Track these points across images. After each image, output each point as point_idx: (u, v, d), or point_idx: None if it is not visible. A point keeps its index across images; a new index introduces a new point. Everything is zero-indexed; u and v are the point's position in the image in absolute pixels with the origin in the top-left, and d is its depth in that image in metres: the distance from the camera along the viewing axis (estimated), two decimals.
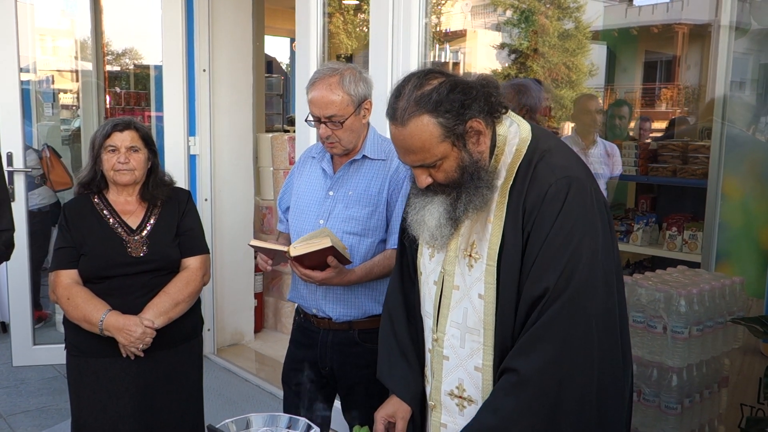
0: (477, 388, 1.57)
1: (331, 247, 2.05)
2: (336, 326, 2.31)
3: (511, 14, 10.02)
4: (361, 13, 10.16)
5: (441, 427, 1.67)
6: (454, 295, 1.61)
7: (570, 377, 1.43)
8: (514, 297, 1.50)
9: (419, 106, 1.48)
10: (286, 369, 2.48)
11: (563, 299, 1.42)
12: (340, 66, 2.23)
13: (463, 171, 1.52)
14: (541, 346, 1.43)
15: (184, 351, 2.51)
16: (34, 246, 4.37)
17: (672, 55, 7.93)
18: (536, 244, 1.47)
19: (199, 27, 4.33)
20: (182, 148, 4.31)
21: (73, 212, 2.45)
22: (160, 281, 2.41)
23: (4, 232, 2.41)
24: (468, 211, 1.54)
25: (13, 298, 4.22)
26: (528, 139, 1.56)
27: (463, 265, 1.58)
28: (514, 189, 1.52)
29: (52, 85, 6.46)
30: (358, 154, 2.30)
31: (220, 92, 4.53)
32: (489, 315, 1.53)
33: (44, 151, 4.94)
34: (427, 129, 1.48)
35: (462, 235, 1.59)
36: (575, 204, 1.46)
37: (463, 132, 1.49)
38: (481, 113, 1.51)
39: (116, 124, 2.42)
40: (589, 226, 1.47)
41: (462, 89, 1.49)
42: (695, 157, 3.88)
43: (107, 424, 2.39)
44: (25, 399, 4.09)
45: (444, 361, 1.64)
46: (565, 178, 1.48)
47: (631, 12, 8.32)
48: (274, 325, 5.24)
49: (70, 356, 2.46)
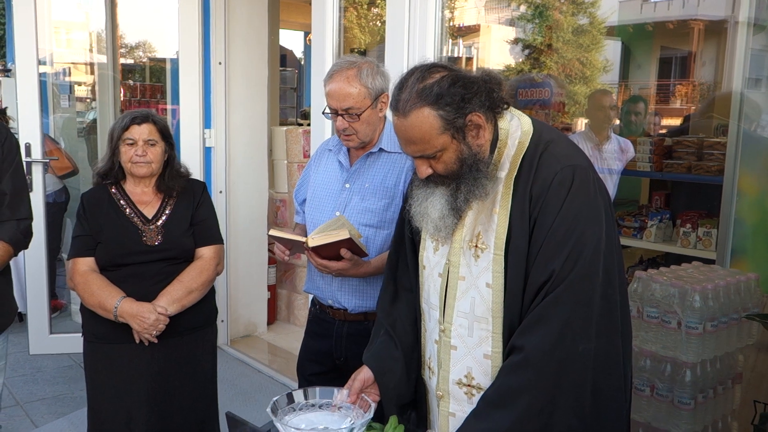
0: (486, 376, 1.60)
1: (348, 238, 2.06)
2: (351, 317, 2.33)
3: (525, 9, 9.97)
4: (374, 8, 10.14)
5: (450, 417, 1.69)
6: (460, 286, 1.63)
7: (570, 358, 1.47)
8: (521, 283, 1.53)
9: (420, 98, 1.52)
10: (301, 359, 2.51)
11: (566, 283, 1.46)
12: (358, 59, 2.25)
13: (462, 163, 1.56)
14: (544, 326, 1.47)
15: (198, 339, 2.55)
16: (49, 236, 4.42)
17: (687, 51, 7.87)
18: (542, 231, 1.50)
19: (215, 20, 4.36)
20: (198, 141, 4.35)
21: (90, 202, 2.50)
22: (174, 270, 2.45)
23: (23, 220, 2.44)
24: (469, 200, 1.58)
25: (30, 288, 4.28)
26: (530, 132, 1.60)
27: (468, 256, 1.61)
28: (519, 179, 1.55)
29: (69, 77, 6.50)
30: (374, 147, 2.31)
31: (236, 85, 4.56)
32: (497, 303, 1.56)
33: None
34: (427, 121, 1.52)
35: (467, 227, 1.62)
36: (580, 192, 1.51)
37: (463, 125, 1.54)
38: (482, 108, 1.55)
39: (135, 117, 2.45)
40: (592, 214, 1.51)
41: (463, 83, 1.53)
42: (710, 154, 3.86)
43: (122, 409, 2.44)
44: (41, 387, 4.14)
45: (452, 351, 1.66)
46: (569, 167, 1.53)
47: (647, 8, 8.26)
48: (286, 318, 5.28)
49: (87, 342, 2.52)
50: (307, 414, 1.69)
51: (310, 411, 1.71)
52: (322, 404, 1.73)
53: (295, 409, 1.70)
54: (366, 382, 1.78)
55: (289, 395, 1.71)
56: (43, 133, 4.30)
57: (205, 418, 2.58)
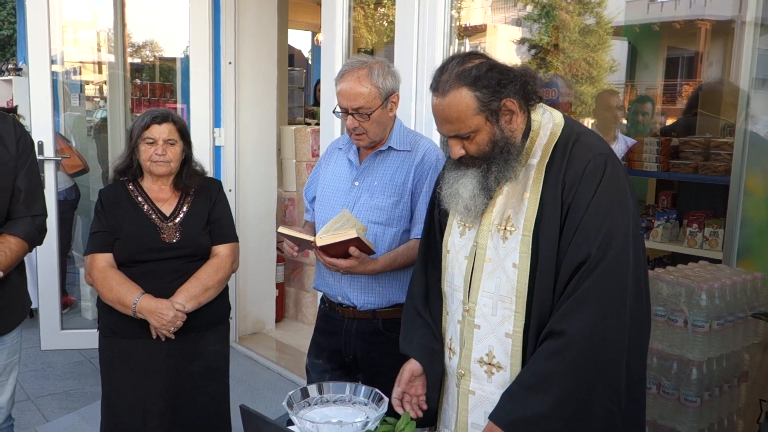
0: (506, 354, 1.67)
1: (356, 237, 2.09)
2: (360, 315, 2.35)
3: (532, 9, 9.95)
4: (381, 8, 10.14)
5: (469, 395, 1.74)
6: (486, 267, 1.70)
7: (608, 339, 1.53)
8: (552, 264, 1.60)
9: (459, 79, 1.62)
10: (309, 357, 2.53)
11: (602, 267, 1.53)
12: (369, 59, 2.27)
13: (494, 145, 1.65)
14: (584, 309, 1.53)
15: (213, 335, 2.58)
16: (60, 233, 4.46)
17: (694, 51, 7.86)
18: (577, 214, 1.58)
19: (225, 20, 4.39)
20: (207, 140, 4.38)
21: (109, 198, 2.53)
22: (190, 267, 2.48)
23: (38, 217, 2.48)
24: (499, 181, 1.66)
25: (41, 284, 4.32)
26: (562, 124, 1.70)
27: (496, 239, 1.68)
28: (551, 166, 1.64)
29: (79, 76, 6.55)
30: (383, 146, 2.34)
31: (245, 85, 4.59)
32: (522, 283, 1.63)
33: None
34: (464, 101, 1.62)
35: (496, 211, 1.69)
36: (612, 179, 1.59)
37: (498, 108, 1.63)
38: (516, 95, 1.65)
39: (155, 117, 2.48)
40: (623, 200, 1.60)
41: (500, 70, 1.63)
42: (717, 154, 3.87)
43: (137, 404, 2.46)
44: (52, 382, 4.19)
45: (475, 330, 1.72)
46: (601, 155, 1.61)
47: (654, 8, 8.25)
48: (294, 315, 5.31)
49: (103, 337, 2.54)
50: (321, 408, 1.73)
51: (324, 405, 1.74)
52: (336, 399, 1.76)
53: (309, 404, 1.73)
54: (414, 373, 1.84)
55: (304, 390, 1.75)
56: (55, 131, 4.35)
57: (218, 413, 2.61)
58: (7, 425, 2.60)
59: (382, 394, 1.73)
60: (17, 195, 2.40)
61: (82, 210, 5.65)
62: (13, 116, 2.54)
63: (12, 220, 2.40)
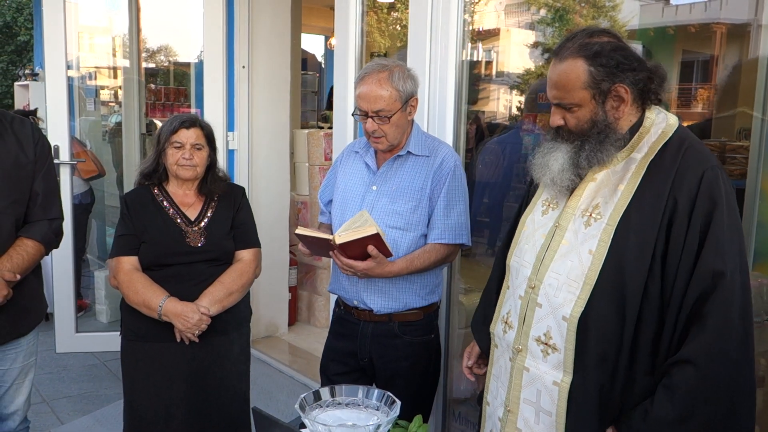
0: (562, 337, 1.66)
1: (376, 234, 2.07)
2: (376, 318, 2.35)
3: (546, 13, 9.94)
4: (394, 12, 10.15)
5: (524, 371, 1.76)
6: (562, 248, 1.69)
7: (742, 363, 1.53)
8: (632, 257, 1.57)
9: (580, 49, 1.62)
10: (324, 359, 2.53)
11: (740, 287, 1.51)
12: (389, 62, 2.27)
13: (593, 124, 1.64)
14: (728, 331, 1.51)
15: (235, 338, 2.59)
16: (75, 237, 4.50)
17: (709, 54, 7.82)
18: (700, 222, 1.53)
19: (239, 25, 4.42)
20: (221, 143, 4.39)
21: (134, 202, 2.55)
22: (215, 271, 2.49)
23: (54, 220, 2.50)
24: (591, 161, 1.65)
25: (57, 287, 4.36)
26: (675, 125, 1.67)
27: (579, 223, 1.68)
28: (657, 164, 1.61)
29: (94, 80, 6.60)
30: (402, 150, 2.34)
31: (259, 89, 4.62)
32: (594, 271, 1.61)
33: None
34: (576, 71, 1.62)
35: (585, 197, 1.69)
36: (730, 193, 1.57)
37: (607, 90, 1.62)
38: (632, 85, 1.62)
39: (183, 121, 2.51)
40: (738, 214, 1.58)
41: (625, 54, 1.61)
42: (733, 158, 3.84)
43: (161, 407, 2.47)
44: (67, 385, 4.22)
45: (536, 308, 1.72)
46: (717, 166, 1.58)
47: (668, 11, 8.19)
48: (307, 319, 5.32)
49: (126, 340, 2.55)
50: (334, 411, 1.73)
51: (337, 408, 1.74)
52: (348, 402, 1.76)
53: (321, 406, 1.74)
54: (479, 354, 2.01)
55: (316, 393, 1.75)
56: (71, 135, 4.39)
57: (240, 416, 2.62)
58: (23, 427, 2.62)
59: (395, 398, 1.73)
60: (34, 198, 2.43)
61: (96, 214, 5.69)
62: (31, 120, 2.57)
63: (29, 223, 2.43)
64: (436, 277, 2.41)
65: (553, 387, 1.69)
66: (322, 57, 11.30)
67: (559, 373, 1.67)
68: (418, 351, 2.39)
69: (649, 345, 1.60)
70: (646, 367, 1.61)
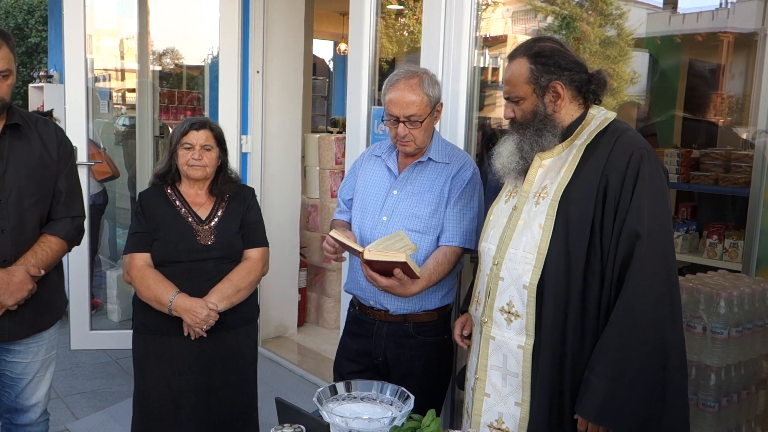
0: (523, 304, 1.90)
1: (404, 262, 2.10)
2: (392, 318, 2.41)
3: (552, 20, 9.98)
4: (402, 18, 10.23)
5: (490, 339, 1.98)
6: (518, 227, 1.94)
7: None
8: (575, 227, 1.81)
9: (525, 51, 1.91)
10: (338, 358, 2.58)
11: (659, 243, 1.75)
12: (417, 69, 2.35)
13: (535, 115, 1.91)
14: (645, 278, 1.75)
15: (242, 334, 2.66)
16: (89, 236, 4.57)
17: (716, 63, 7.86)
18: (628, 195, 1.77)
19: (254, 31, 4.50)
20: (235, 146, 4.46)
21: (148, 201, 2.63)
22: (224, 268, 2.57)
23: (77, 218, 2.58)
24: (533, 147, 1.92)
25: (72, 284, 4.42)
26: (612, 118, 1.93)
27: (531, 204, 1.93)
28: (594, 146, 1.85)
29: (107, 83, 6.69)
30: (423, 156, 2.40)
31: (272, 93, 4.69)
32: (544, 242, 1.85)
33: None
34: (520, 68, 1.90)
35: (536, 182, 1.93)
36: (655, 168, 1.80)
37: (546, 86, 1.88)
38: (569, 84, 1.89)
39: (193, 123, 2.59)
40: (665, 188, 1.82)
41: (565, 57, 1.89)
42: (738, 166, 3.89)
43: (170, 399, 2.55)
44: (80, 381, 4.29)
45: (499, 282, 1.96)
46: (644, 149, 1.81)
47: (675, 20, 8.23)
48: (316, 320, 5.38)
49: (137, 333, 2.63)
50: (349, 405, 1.79)
51: (353, 402, 1.81)
52: (363, 396, 1.83)
53: (338, 400, 1.80)
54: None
55: (332, 387, 1.81)
56: (88, 137, 4.47)
57: (247, 409, 2.69)
58: (43, 419, 2.70)
59: (408, 393, 1.79)
60: (58, 197, 2.51)
61: (108, 215, 5.77)
62: (54, 122, 2.66)
63: (53, 220, 2.50)
64: (451, 280, 2.48)
65: (517, 350, 1.92)
66: (331, 62, 11.38)
67: (522, 337, 1.90)
68: (431, 351, 2.44)
69: (595, 309, 1.81)
70: (595, 330, 1.81)
